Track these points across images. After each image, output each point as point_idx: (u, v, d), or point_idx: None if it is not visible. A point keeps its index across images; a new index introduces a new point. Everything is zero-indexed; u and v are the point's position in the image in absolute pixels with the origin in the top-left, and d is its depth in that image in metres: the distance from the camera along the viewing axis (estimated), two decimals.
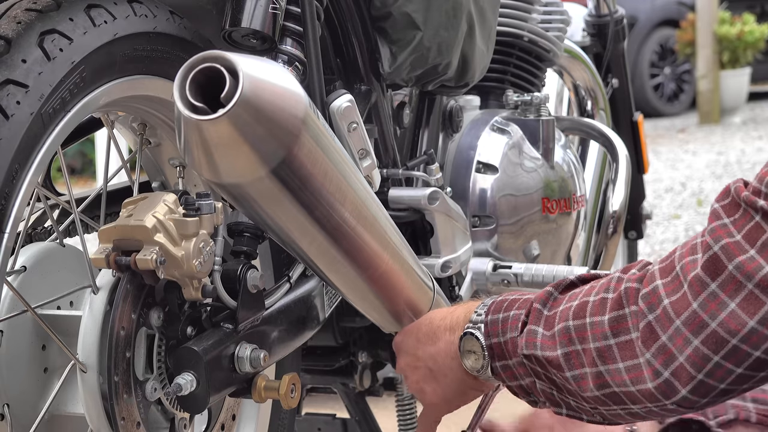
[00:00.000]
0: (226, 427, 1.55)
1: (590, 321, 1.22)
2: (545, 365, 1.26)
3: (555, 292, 1.30)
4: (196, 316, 1.40)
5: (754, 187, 1.11)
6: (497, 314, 1.34)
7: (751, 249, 1.08)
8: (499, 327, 1.33)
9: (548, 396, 1.30)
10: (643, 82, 10.32)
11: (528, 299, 1.32)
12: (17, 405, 1.34)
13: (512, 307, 1.33)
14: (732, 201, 1.13)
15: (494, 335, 1.34)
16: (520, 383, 1.33)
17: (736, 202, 1.12)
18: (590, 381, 1.22)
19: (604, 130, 2.39)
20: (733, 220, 1.11)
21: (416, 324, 1.49)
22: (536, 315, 1.29)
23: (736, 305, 1.09)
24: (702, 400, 1.14)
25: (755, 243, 1.08)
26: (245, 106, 1.11)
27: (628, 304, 1.18)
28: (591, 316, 1.22)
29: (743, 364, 1.10)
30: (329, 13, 1.66)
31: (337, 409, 2.19)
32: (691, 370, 1.13)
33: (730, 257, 1.09)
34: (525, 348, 1.28)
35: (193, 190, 1.50)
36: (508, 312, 1.33)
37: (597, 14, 2.77)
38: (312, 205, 1.26)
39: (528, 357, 1.28)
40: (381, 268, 1.42)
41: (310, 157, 1.21)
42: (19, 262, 1.38)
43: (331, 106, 1.55)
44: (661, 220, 5.63)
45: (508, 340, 1.32)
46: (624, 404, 1.21)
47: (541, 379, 1.29)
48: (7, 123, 1.19)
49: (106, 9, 1.32)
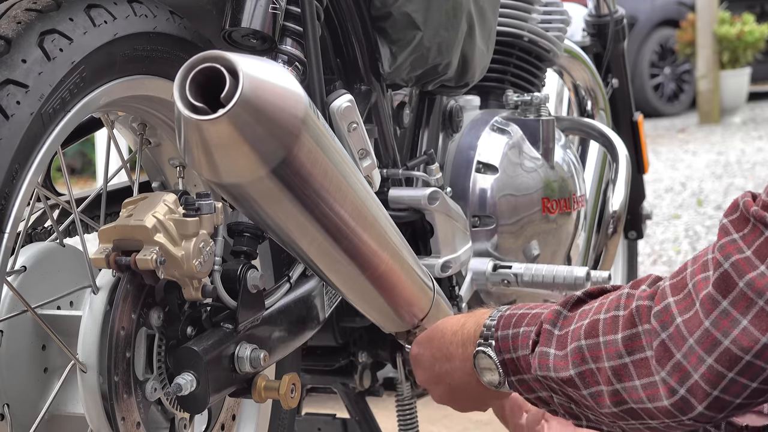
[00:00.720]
0: (226, 427, 1.55)
1: (604, 340, 1.21)
2: (561, 384, 1.26)
3: (564, 311, 1.29)
4: (196, 316, 1.40)
5: (764, 201, 1.10)
6: (507, 330, 1.34)
7: (762, 265, 1.08)
8: (510, 343, 1.32)
9: (567, 409, 1.30)
10: (643, 82, 10.31)
11: (537, 315, 1.32)
12: (17, 405, 1.34)
13: (521, 323, 1.33)
14: (741, 216, 1.12)
15: (506, 351, 1.33)
16: (539, 395, 1.33)
17: (745, 216, 1.11)
18: (607, 398, 1.22)
19: (604, 130, 2.39)
20: (743, 235, 1.11)
21: (428, 336, 1.48)
22: (547, 336, 1.28)
23: (748, 322, 1.08)
24: (719, 415, 1.14)
25: (766, 258, 1.08)
26: (245, 106, 1.11)
27: (641, 322, 1.18)
28: (604, 335, 1.21)
29: (758, 379, 1.10)
30: (329, 13, 1.66)
31: (337, 409, 2.19)
32: (707, 387, 1.12)
33: (740, 274, 1.09)
34: (539, 369, 1.28)
35: (193, 190, 1.50)
36: (518, 328, 1.32)
37: (597, 14, 2.77)
38: (312, 205, 1.25)
39: (543, 377, 1.28)
40: (381, 268, 1.42)
41: (310, 157, 1.21)
42: (19, 262, 1.38)
43: (331, 106, 1.55)
44: (661, 220, 5.63)
45: (520, 356, 1.31)
46: (642, 419, 1.21)
47: (557, 394, 1.29)
48: (7, 123, 1.19)
49: (106, 9, 1.32)
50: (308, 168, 1.21)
